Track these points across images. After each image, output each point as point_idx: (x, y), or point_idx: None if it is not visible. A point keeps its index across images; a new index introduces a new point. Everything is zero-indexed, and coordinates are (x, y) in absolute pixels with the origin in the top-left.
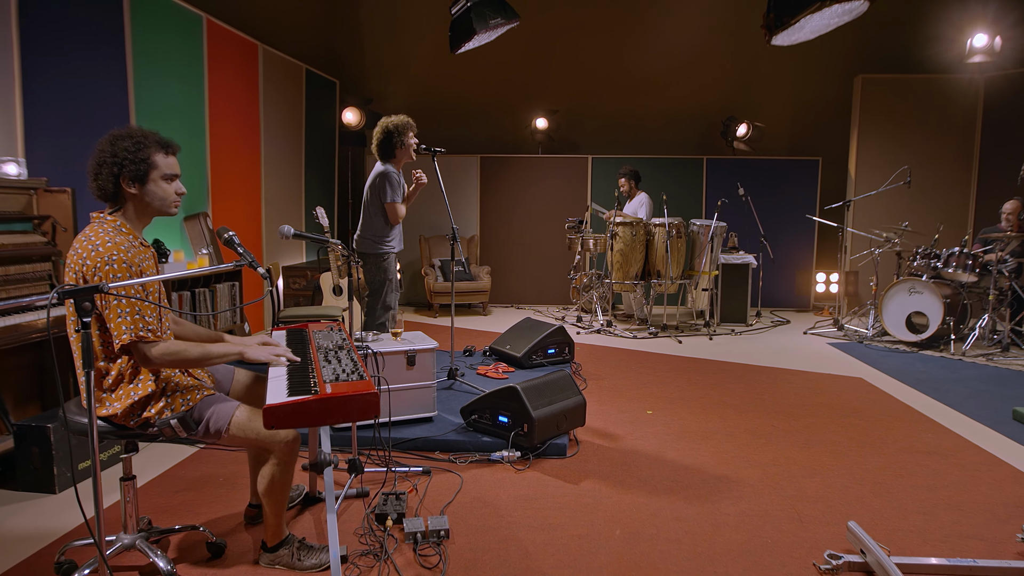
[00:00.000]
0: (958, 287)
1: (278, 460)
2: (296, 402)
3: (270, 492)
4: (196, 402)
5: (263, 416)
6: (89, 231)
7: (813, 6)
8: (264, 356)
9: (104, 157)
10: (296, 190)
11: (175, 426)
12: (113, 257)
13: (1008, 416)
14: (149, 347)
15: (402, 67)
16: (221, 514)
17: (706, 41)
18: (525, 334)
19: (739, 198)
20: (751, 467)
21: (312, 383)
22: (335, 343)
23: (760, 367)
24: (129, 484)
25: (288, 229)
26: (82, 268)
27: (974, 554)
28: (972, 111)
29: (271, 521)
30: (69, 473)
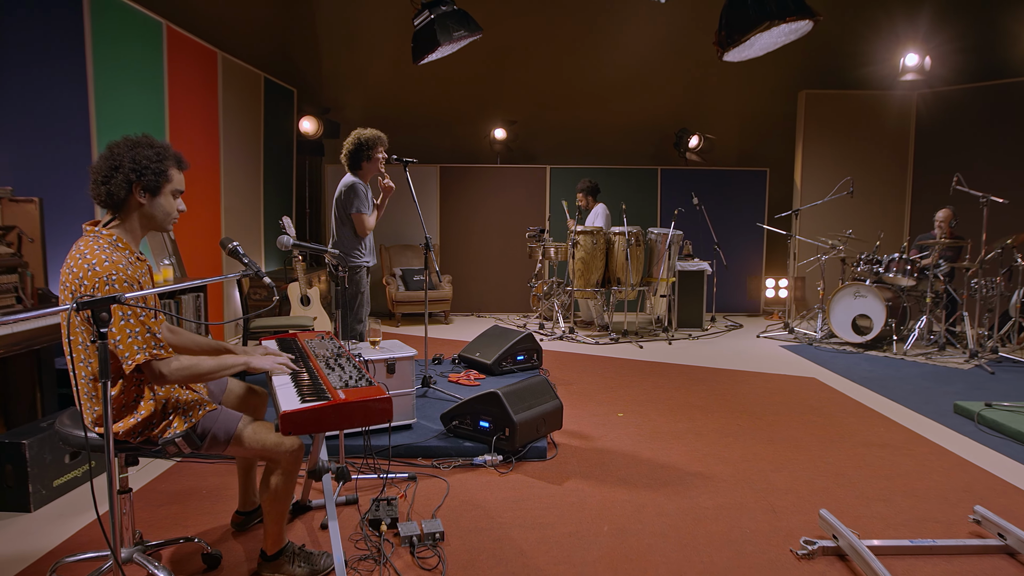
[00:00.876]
0: (898, 291)
1: (283, 469)
2: (313, 408)
3: (273, 501)
4: (199, 418)
5: (280, 423)
6: (84, 247)
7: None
8: (269, 365)
9: (121, 162)
10: (255, 199)
11: (180, 444)
12: (112, 276)
13: (949, 410)
14: (163, 364)
15: (360, 76)
16: (210, 526)
17: (659, 55)
18: (494, 341)
19: (693, 207)
20: (722, 463)
21: (322, 390)
22: (332, 352)
23: (720, 369)
24: (125, 497)
25: (287, 239)
26: (79, 288)
27: (932, 535)
28: (906, 125)
29: (272, 529)
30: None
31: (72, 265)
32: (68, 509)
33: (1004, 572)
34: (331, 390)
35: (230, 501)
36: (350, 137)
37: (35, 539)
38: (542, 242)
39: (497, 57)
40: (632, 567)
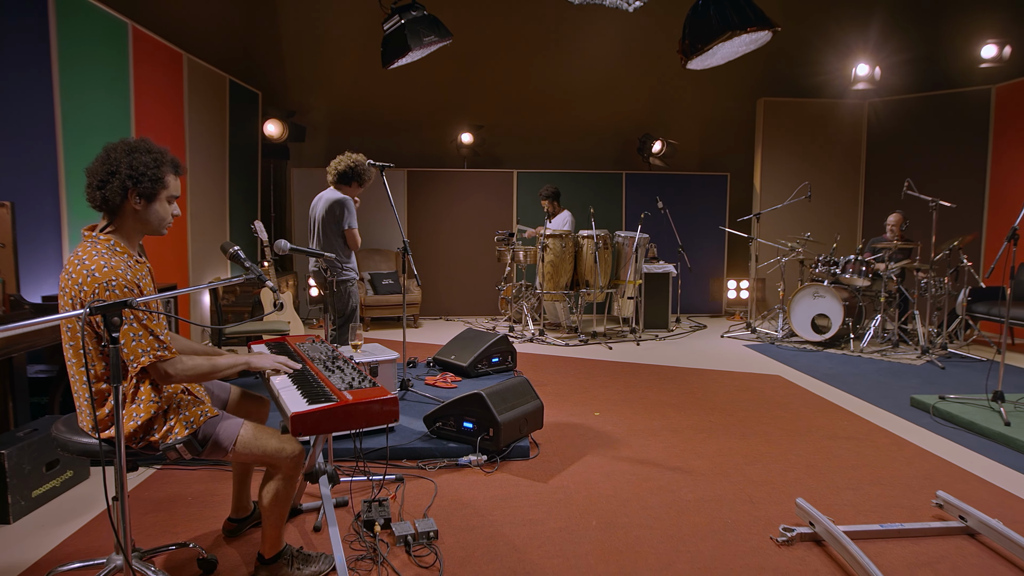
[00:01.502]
0: (855, 291)
1: (284, 474)
2: (323, 409)
3: (273, 506)
4: (200, 424)
5: (291, 424)
6: (82, 253)
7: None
8: (269, 364)
9: (118, 167)
10: (220, 204)
11: (180, 449)
12: (112, 282)
13: (906, 403)
14: (169, 364)
15: (325, 80)
16: (200, 532)
17: (623, 62)
18: (469, 344)
19: (658, 211)
20: (699, 458)
21: (327, 392)
22: (328, 355)
23: (689, 369)
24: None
25: (284, 244)
26: (79, 295)
27: (899, 519)
28: (858, 133)
29: (270, 533)
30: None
31: (71, 271)
32: (50, 520)
33: (966, 551)
34: (336, 392)
35: (217, 507)
36: (344, 157)
37: (18, 551)
38: (511, 246)
39: (464, 62)
40: (623, 558)
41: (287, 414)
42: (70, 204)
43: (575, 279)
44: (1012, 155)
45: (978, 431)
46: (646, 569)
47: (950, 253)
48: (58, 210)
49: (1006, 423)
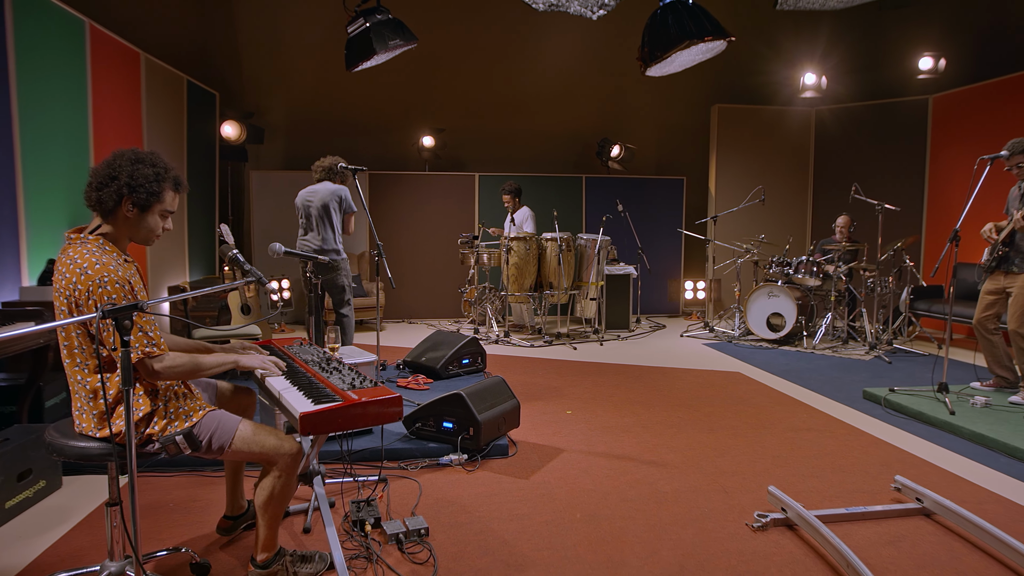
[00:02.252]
0: (807, 290)
1: (281, 472)
2: (331, 408)
3: (269, 505)
4: (200, 418)
5: (300, 423)
6: (73, 253)
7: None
8: (258, 363)
9: (118, 173)
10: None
11: (180, 442)
12: (105, 279)
13: (859, 396)
14: (156, 361)
15: (284, 81)
16: (187, 537)
17: (582, 67)
18: (439, 346)
19: (618, 213)
20: (671, 452)
21: (330, 392)
22: (321, 357)
23: (652, 367)
24: (115, 510)
25: (278, 247)
26: (73, 293)
27: (861, 503)
28: (806, 139)
29: (266, 534)
30: None
31: (64, 272)
32: (28, 530)
33: (923, 530)
34: (340, 392)
35: (200, 512)
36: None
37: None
38: (475, 248)
39: (424, 65)
40: (610, 548)
41: (295, 414)
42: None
43: (539, 281)
44: (948, 161)
45: (926, 420)
46: (633, 557)
47: (894, 254)
48: (15, 214)
49: (951, 412)
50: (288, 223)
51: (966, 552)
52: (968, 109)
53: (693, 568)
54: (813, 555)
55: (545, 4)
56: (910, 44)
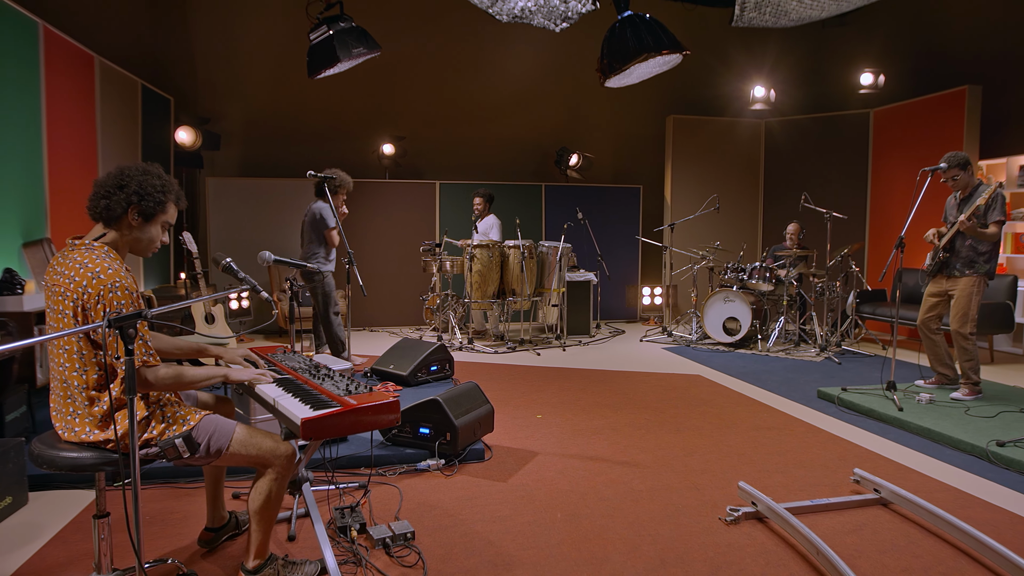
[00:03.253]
0: (760, 295)
1: (276, 474)
2: (331, 414)
3: (264, 508)
4: (197, 422)
5: (302, 429)
6: (80, 257)
7: (640, 57)
8: (249, 376)
9: (128, 182)
10: None
11: (179, 446)
12: (116, 284)
13: (814, 395)
14: (150, 372)
15: (240, 87)
16: (169, 549)
17: (540, 78)
18: (407, 353)
19: (577, 221)
20: (642, 452)
21: (326, 398)
22: (308, 364)
23: (616, 371)
24: (104, 522)
25: (268, 255)
26: (82, 296)
27: (824, 495)
28: (757, 149)
29: (259, 539)
30: None
31: (71, 274)
32: None
33: (881, 519)
34: (337, 398)
35: (179, 524)
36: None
37: None
38: (437, 256)
39: (385, 73)
40: (592, 545)
41: (295, 420)
42: None
43: (502, 288)
44: (888, 172)
45: (877, 417)
46: (615, 553)
47: (841, 260)
48: None
49: (899, 409)
50: (245, 230)
51: (921, 537)
52: (906, 123)
53: (673, 561)
54: (783, 545)
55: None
56: (852, 60)
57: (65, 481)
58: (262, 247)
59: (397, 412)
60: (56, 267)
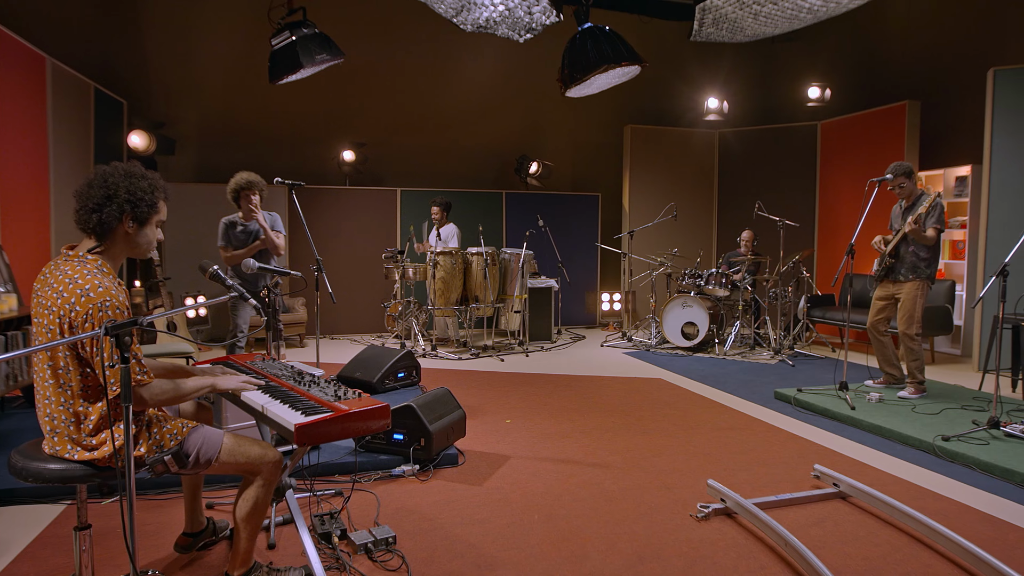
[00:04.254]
0: (716, 300)
1: (264, 481)
2: (324, 419)
3: (251, 515)
4: (184, 435)
5: (296, 435)
6: (70, 271)
7: (600, 68)
8: (235, 385)
9: (116, 191)
10: None
11: (168, 462)
12: (107, 303)
13: (771, 396)
14: (145, 389)
15: (194, 91)
16: (146, 561)
17: (500, 86)
18: (374, 361)
19: (538, 228)
20: (611, 454)
21: (316, 404)
22: (291, 371)
23: (580, 376)
24: (85, 534)
25: (252, 263)
26: (69, 314)
27: (787, 490)
28: (711, 158)
29: (245, 547)
30: None
31: (60, 288)
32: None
33: (841, 511)
34: (327, 404)
35: (153, 536)
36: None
37: None
38: (400, 263)
39: (345, 79)
40: (571, 544)
41: (288, 426)
42: None
43: (464, 295)
44: (835, 182)
45: (832, 416)
46: (594, 551)
47: (793, 266)
48: None
49: (852, 408)
50: (200, 237)
51: (879, 527)
52: (851, 135)
53: (650, 557)
54: (753, 538)
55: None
56: (800, 75)
57: (32, 495)
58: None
59: (388, 417)
60: (47, 278)
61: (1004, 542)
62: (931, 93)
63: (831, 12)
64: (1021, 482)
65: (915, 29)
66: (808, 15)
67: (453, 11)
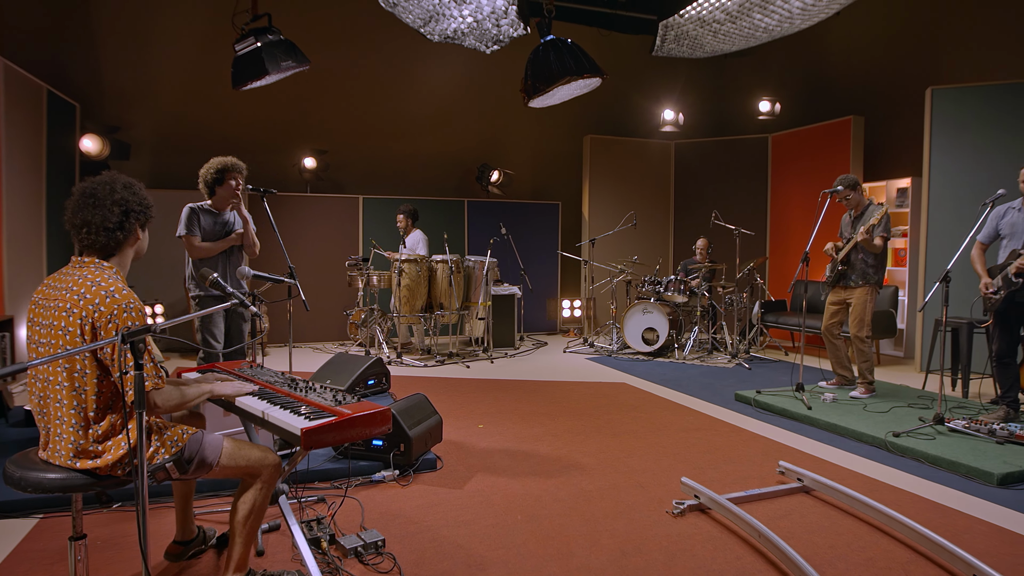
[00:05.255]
0: (675, 307)
1: (263, 484)
2: (330, 423)
3: (249, 519)
4: (184, 441)
5: (303, 438)
6: (90, 276)
7: (563, 79)
8: (231, 390)
9: (131, 206)
10: (37, 226)
11: (169, 469)
12: (130, 305)
13: (731, 398)
14: (158, 394)
15: (149, 96)
16: (130, 573)
17: (462, 94)
18: (344, 368)
19: (501, 236)
20: (585, 456)
21: (317, 410)
22: (285, 378)
23: (545, 381)
24: (80, 544)
25: (247, 270)
26: (92, 314)
27: (755, 486)
28: (667, 168)
29: (241, 552)
30: None
31: (83, 291)
32: None
33: (806, 504)
34: (330, 409)
35: (133, 547)
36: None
37: None
38: (364, 271)
39: (305, 86)
40: (556, 542)
41: (293, 430)
42: None
43: (429, 302)
44: (785, 193)
45: (790, 416)
46: (578, 548)
47: (748, 273)
48: None
49: (808, 408)
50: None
51: (841, 517)
52: (800, 148)
53: (632, 552)
54: (727, 532)
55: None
56: (752, 89)
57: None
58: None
59: (389, 422)
60: (55, 285)
61: (954, 528)
62: (874, 109)
63: (784, 32)
64: (966, 473)
65: (857, 48)
66: (764, 34)
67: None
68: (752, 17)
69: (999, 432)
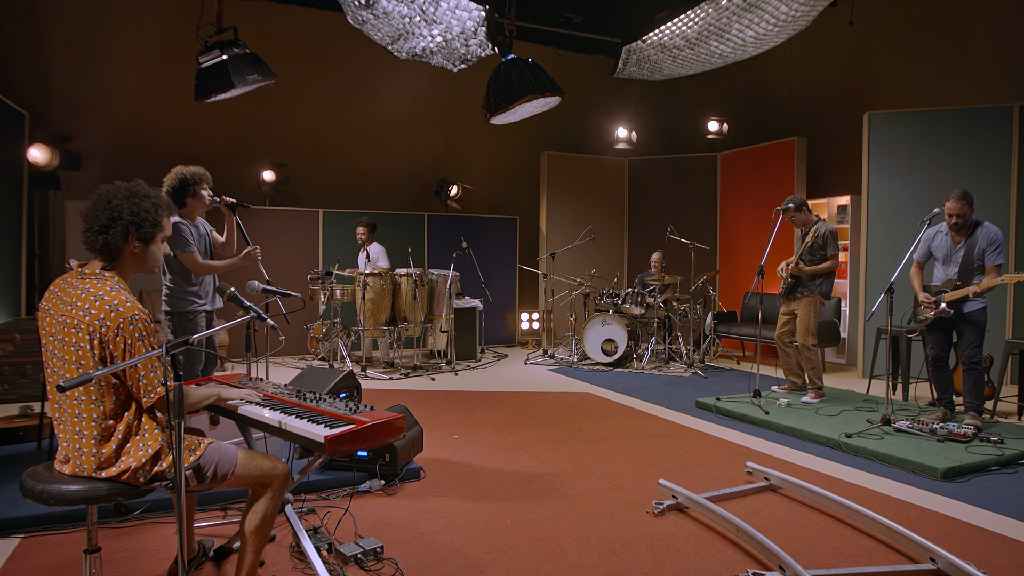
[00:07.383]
0: (633, 318)
1: (274, 493)
2: (350, 431)
3: (260, 528)
4: (202, 450)
5: (327, 445)
6: (93, 289)
7: (525, 97)
8: (239, 396)
9: (120, 213)
10: None
11: (189, 477)
12: (135, 316)
13: (692, 405)
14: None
15: (100, 106)
16: None
17: (420, 110)
18: (316, 381)
19: (461, 250)
20: (562, 463)
21: (334, 418)
22: (288, 389)
23: (512, 392)
24: (95, 556)
25: (256, 284)
26: (99, 329)
27: (725, 486)
28: (621, 184)
29: (252, 560)
30: None
31: (87, 307)
32: None
33: (774, 501)
34: (347, 417)
35: (129, 563)
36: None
37: None
38: (328, 284)
39: (264, 98)
40: (547, 543)
41: (316, 438)
42: None
43: (393, 315)
44: (734, 208)
45: (749, 420)
46: (570, 548)
47: (701, 285)
48: None
49: (766, 413)
50: None
51: (807, 512)
52: (747, 165)
53: (621, 550)
54: (706, 528)
55: (408, 54)
56: (701, 109)
57: None
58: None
59: (404, 429)
60: (62, 295)
61: (907, 518)
62: (816, 131)
63: (738, 58)
64: (913, 469)
65: (799, 73)
66: (719, 60)
67: (389, 39)
68: (709, 44)
69: (939, 431)
